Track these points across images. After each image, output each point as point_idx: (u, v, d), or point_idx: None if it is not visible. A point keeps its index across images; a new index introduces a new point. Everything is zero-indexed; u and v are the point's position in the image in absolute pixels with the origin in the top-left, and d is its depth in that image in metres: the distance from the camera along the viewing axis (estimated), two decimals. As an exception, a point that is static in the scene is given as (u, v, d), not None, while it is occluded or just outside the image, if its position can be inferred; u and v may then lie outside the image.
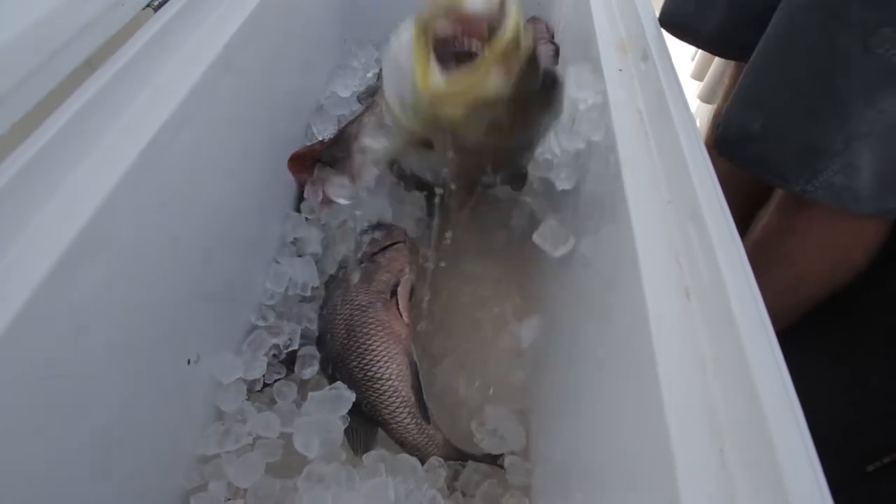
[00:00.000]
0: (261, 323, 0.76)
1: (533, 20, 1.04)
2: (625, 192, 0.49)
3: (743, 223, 1.10)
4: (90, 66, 0.54)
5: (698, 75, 1.81)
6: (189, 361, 0.61)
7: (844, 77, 0.65)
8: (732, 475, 0.31)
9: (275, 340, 0.71)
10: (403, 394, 0.64)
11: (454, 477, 0.64)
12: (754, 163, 0.76)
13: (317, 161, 0.82)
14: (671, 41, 0.66)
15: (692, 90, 1.60)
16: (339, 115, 0.99)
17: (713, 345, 0.36)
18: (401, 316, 0.69)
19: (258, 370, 0.68)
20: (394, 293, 0.70)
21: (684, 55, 2.17)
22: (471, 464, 0.65)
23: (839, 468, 0.78)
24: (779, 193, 0.83)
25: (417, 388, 0.65)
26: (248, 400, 0.66)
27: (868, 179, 0.68)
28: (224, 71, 0.61)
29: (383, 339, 0.66)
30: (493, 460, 0.64)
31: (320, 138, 0.92)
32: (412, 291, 0.73)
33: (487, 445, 0.65)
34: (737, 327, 0.34)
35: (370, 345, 0.66)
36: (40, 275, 0.39)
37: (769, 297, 0.37)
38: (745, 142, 0.76)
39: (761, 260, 0.83)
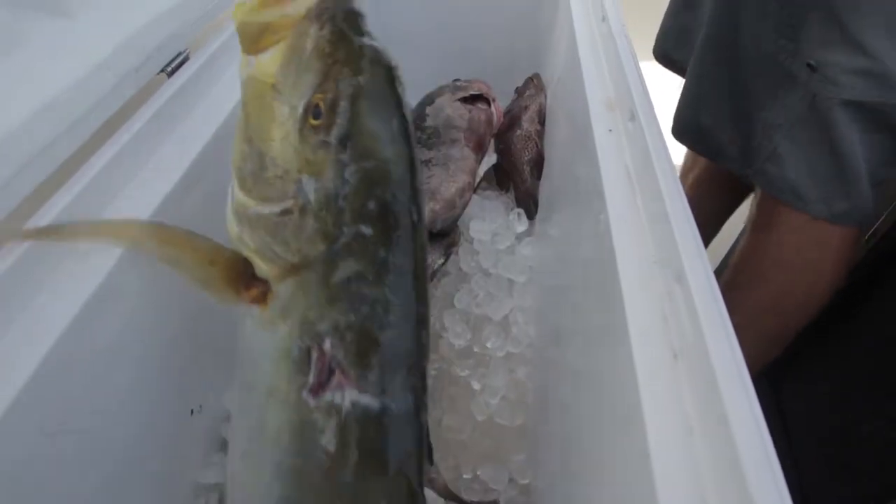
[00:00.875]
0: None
1: (534, 80, 1.08)
2: (614, 251, 0.50)
3: (717, 221, 1.17)
4: (110, 127, 0.57)
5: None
6: (192, 412, 0.61)
7: (754, 76, 0.78)
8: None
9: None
10: None
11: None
12: (710, 150, 0.89)
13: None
14: (658, 100, 0.70)
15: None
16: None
17: (698, 406, 0.37)
18: None
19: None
20: None
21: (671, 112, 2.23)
22: None
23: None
24: (753, 213, 0.90)
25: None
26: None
27: (801, 174, 0.76)
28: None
29: None
30: None
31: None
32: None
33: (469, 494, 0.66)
34: (719, 390, 0.35)
35: None
36: (58, 330, 0.40)
37: (753, 322, 0.39)
38: (701, 133, 0.89)
39: (741, 282, 0.87)
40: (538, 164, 0.95)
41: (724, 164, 0.88)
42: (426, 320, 0.41)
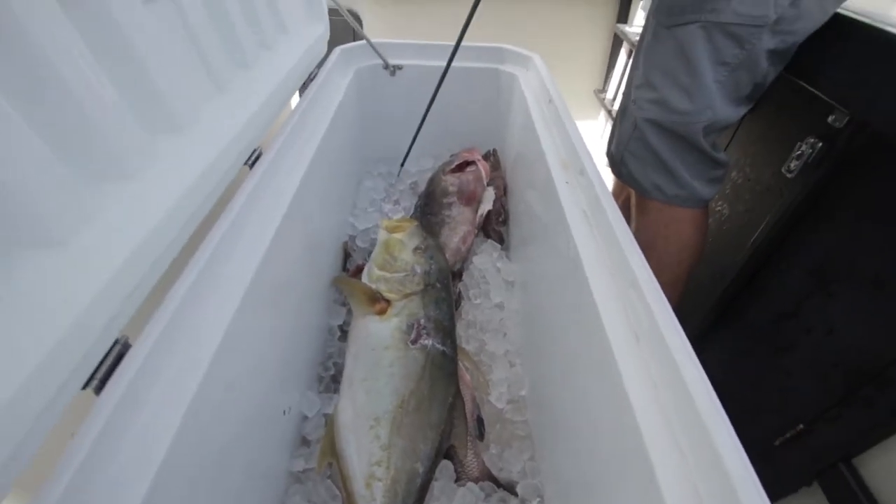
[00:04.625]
0: (324, 374, 0.80)
1: (493, 157, 1.16)
2: (583, 267, 0.55)
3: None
4: (214, 216, 0.58)
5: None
6: (284, 412, 0.64)
7: (620, 120, 0.95)
8: (685, 453, 0.36)
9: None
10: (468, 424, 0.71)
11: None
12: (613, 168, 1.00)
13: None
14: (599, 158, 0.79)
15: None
16: (371, 226, 1.05)
17: (658, 373, 0.42)
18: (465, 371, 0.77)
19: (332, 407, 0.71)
20: None
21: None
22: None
23: (757, 443, 0.82)
24: (633, 205, 1.00)
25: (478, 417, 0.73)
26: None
27: (639, 172, 0.90)
28: (298, 205, 0.67)
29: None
30: (511, 488, 0.66)
31: (360, 262, 0.98)
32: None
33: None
34: (673, 358, 0.40)
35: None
36: (204, 366, 0.43)
37: (659, 274, 0.46)
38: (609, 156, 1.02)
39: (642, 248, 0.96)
40: (505, 217, 1.03)
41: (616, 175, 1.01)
42: (454, 319, 0.78)
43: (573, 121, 0.83)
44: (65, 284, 0.35)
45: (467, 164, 1.05)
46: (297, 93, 0.99)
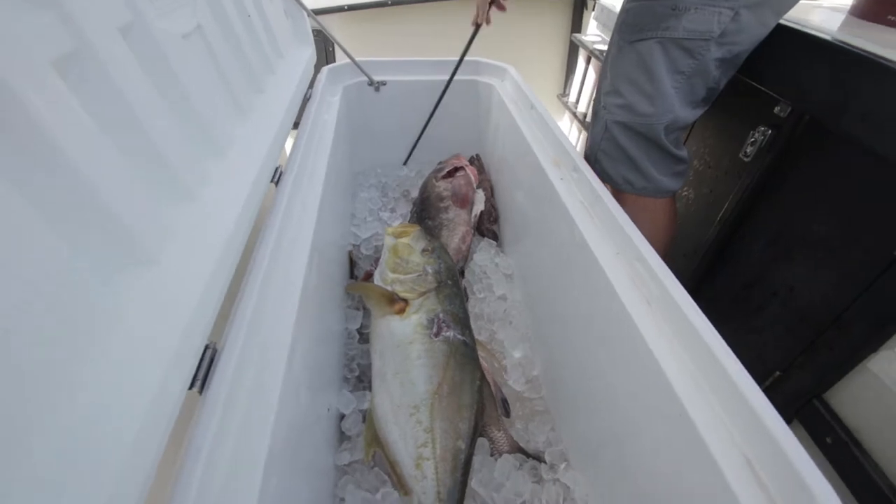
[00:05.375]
0: (349, 375, 0.84)
1: (477, 162, 1.23)
2: (591, 251, 0.62)
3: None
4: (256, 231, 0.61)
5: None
6: (328, 409, 0.68)
7: (593, 123, 1.04)
8: (706, 393, 0.44)
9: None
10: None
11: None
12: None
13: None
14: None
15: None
16: (372, 234, 1.10)
17: (671, 328, 0.50)
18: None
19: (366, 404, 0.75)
20: None
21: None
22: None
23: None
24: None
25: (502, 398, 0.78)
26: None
27: (612, 169, 1.00)
28: (321, 218, 0.72)
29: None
30: (539, 457, 0.73)
31: (367, 268, 1.03)
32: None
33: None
34: (684, 314, 0.48)
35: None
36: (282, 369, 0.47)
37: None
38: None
39: None
40: (496, 216, 1.11)
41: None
42: (467, 311, 0.82)
43: (556, 123, 0.92)
44: (167, 297, 0.39)
45: (456, 169, 1.12)
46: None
